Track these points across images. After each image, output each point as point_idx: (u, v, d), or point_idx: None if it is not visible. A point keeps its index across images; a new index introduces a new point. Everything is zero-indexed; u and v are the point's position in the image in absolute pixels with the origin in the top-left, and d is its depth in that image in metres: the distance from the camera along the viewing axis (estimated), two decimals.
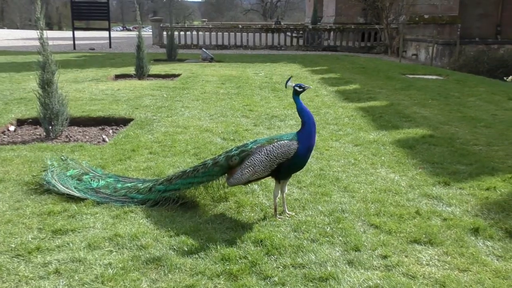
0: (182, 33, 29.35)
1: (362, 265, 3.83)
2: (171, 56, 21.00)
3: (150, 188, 5.06)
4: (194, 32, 29.62)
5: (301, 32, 31.12)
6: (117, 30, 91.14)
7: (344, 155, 6.79)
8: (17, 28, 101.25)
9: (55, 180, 5.18)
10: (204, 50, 21.76)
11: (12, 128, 8.71)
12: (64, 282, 3.53)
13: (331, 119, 9.10)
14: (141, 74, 14.84)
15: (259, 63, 20.00)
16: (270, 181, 5.60)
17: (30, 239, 4.15)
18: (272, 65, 19.20)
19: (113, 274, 3.61)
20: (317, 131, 7.94)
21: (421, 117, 9.47)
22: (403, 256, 4.00)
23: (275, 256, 3.96)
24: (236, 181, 4.65)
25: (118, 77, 15.55)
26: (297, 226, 4.52)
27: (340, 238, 4.28)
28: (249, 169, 4.56)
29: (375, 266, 3.83)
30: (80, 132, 8.44)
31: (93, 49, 27.98)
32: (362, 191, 5.46)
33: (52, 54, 7.81)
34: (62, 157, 5.76)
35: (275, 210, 4.76)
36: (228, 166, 4.76)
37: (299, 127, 7.95)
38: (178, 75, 15.69)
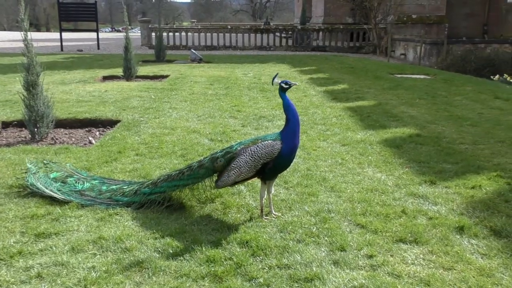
0: (171, 34, 29.26)
1: (347, 265, 3.83)
2: (160, 57, 20.91)
3: (135, 191, 5.03)
4: (183, 33, 29.54)
5: (290, 32, 31.17)
6: (106, 31, 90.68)
7: (331, 155, 6.79)
8: (4, 29, 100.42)
9: (38, 183, 5.13)
10: (193, 51, 21.71)
11: None
12: (46, 286, 3.49)
13: (319, 119, 9.11)
14: (129, 75, 14.76)
15: (248, 63, 19.98)
16: (257, 182, 5.59)
17: (12, 243, 4.10)
18: (261, 65, 19.19)
19: (97, 278, 3.57)
20: (305, 131, 8.04)
21: (409, 117, 9.50)
22: (389, 256, 4.00)
23: (261, 257, 3.94)
24: (223, 183, 4.63)
25: (106, 78, 15.46)
26: (283, 226, 4.50)
27: (326, 238, 4.28)
28: (235, 170, 4.54)
29: (361, 266, 3.82)
30: (66, 134, 8.37)
31: (81, 50, 27.80)
32: (349, 190, 5.46)
33: (36, 56, 7.73)
34: (44, 161, 5.70)
35: (261, 211, 4.75)
36: (214, 168, 4.73)
37: None
38: (167, 76, 15.63)
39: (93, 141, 7.73)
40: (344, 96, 11.84)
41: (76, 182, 5.32)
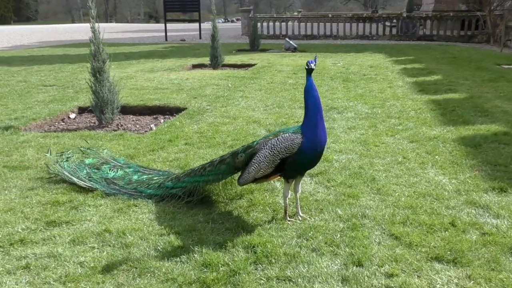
0: (271, 23, 29.10)
1: (358, 283, 3.26)
2: (254, 46, 20.81)
3: (159, 184, 4.79)
4: (283, 23, 29.23)
5: (394, 21, 29.58)
6: (219, 22, 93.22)
7: (392, 152, 6.09)
8: (127, 22, 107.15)
9: (66, 170, 5.07)
10: (288, 40, 21.31)
11: (72, 115, 8.91)
12: (27, 279, 3.34)
13: (395, 112, 8.31)
14: (215, 63, 14.77)
15: (343, 53, 19.19)
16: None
17: (19, 230, 4.03)
18: (356, 55, 18.33)
19: (79, 275, 3.36)
20: (374, 124, 7.35)
21: (501, 112, 8.35)
22: (414, 277, 3.35)
23: (263, 266, 3.49)
24: (244, 180, 4.22)
25: (195, 66, 15.63)
26: (304, 231, 4.00)
27: (347, 249, 3.71)
28: (254, 166, 4.11)
29: (373, 287, 3.23)
30: (133, 120, 8.42)
31: (184, 40, 28.59)
32: (397, 194, 4.79)
33: (102, 43, 7.78)
34: (81, 148, 5.66)
35: (285, 212, 4.28)
36: (235, 164, 4.34)
37: (357, 120, 7.40)
38: (253, 64, 15.43)
39: (154, 128, 7.67)
40: (433, 88, 10.78)
41: (110, 169, 5.21)
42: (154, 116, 8.77)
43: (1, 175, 5.36)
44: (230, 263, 3.49)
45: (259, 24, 28.79)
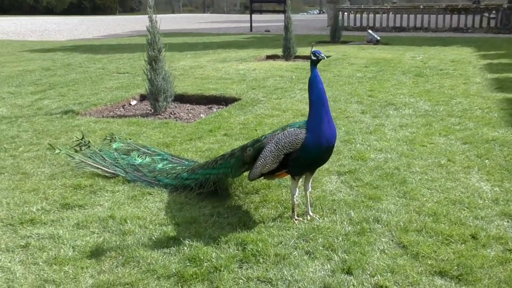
0: (358, 15, 28.30)
1: None
2: (335, 38, 20.33)
3: (176, 174, 4.78)
4: (371, 14, 28.30)
5: (493, 12, 27.55)
6: (313, 13, 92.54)
7: (438, 154, 5.64)
8: (223, 12, 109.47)
9: (90, 157, 5.16)
10: (370, 32, 20.58)
11: (133, 102, 9.21)
12: (21, 258, 3.46)
13: (458, 111, 7.70)
14: (288, 55, 14.61)
15: (428, 46, 18.20)
16: (320, 176, 4.91)
17: (34, 210, 4.20)
18: (440, 48, 17.30)
19: (68, 258, 3.43)
20: (430, 123, 6.89)
21: None
22: None
23: (248, 265, 3.36)
24: (252, 175, 4.10)
25: (268, 57, 15.58)
26: (307, 232, 3.81)
27: (343, 254, 3.47)
28: (261, 160, 3.97)
29: None
30: (188, 109, 8.53)
31: (268, 31, 28.61)
32: (424, 199, 4.42)
33: (159, 32, 7.92)
34: (107, 137, 5.74)
35: (293, 211, 4.09)
36: (243, 159, 4.22)
37: (412, 118, 7.04)
38: (328, 57, 15.03)
39: (203, 117, 7.72)
40: None
41: (139, 156, 5.28)
42: (209, 105, 8.82)
43: (42, 156, 5.63)
44: (215, 259, 3.40)
45: (345, 15, 28.16)
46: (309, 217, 4.08)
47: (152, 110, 8.21)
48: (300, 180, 4.08)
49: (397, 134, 6.46)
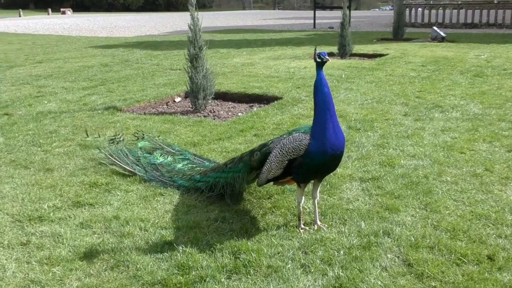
0: (426, 10, 27.21)
1: None
2: (398, 35, 19.67)
3: (190, 176, 4.73)
4: (440, 10, 27.12)
5: None
6: (385, 9, 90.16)
7: (476, 162, 5.24)
8: (293, 9, 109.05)
9: (115, 153, 5.22)
10: (435, 28, 19.69)
11: (178, 99, 9.28)
12: (17, 256, 3.50)
13: (511, 115, 7.15)
14: (343, 53, 14.27)
15: (496, 43, 17.16)
16: (341, 182, 4.69)
17: (45, 207, 4.27)
18: (511, 46, 16.25)
19: (60, 259, 3.43)
20: (475, 128, 6.47)
21: None
22: None
23: (237, 276, 3.23)
24: (260, 181, 3.97)
25: None
26: (309, 243, 3.62)
27: (339, 270, 3.26)
28: (267, 166, 3.83)
29: None
30: (228, 107, 8.49)
31: (332, 27, 28.09)
32: (447, 212, 4.10)
33: (200, 30, 7.91)
34: (135, 134, 5.77)
35: (299, 219, 3.91)
36: (251, 163, 4.10)
37: (458, 121, 6.75)
38: (385, 55, 14.56)
39: (240, 116, 7.65)
40: None
41: (161, 155, 5.28)
42: (251, 104, 8.73)
43: (71, 152, 5.76)
44: (204, 268, 3.29)
45: (412, 11, 27.18)
46: (316, 227, 3.89)
47: (192, 108, 8.23)
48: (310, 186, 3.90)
49: (436, 139, 6.07)
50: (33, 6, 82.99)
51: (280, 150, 3.73)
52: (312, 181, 3.95)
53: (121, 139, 5.56)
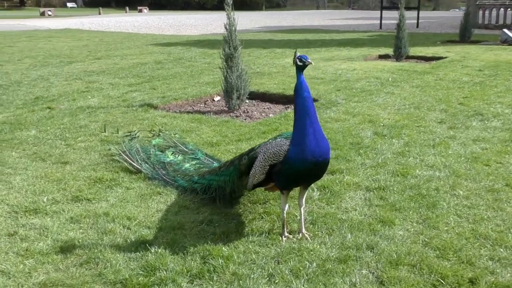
0: (501, 11, 25.75)
1: None
2: (464, 37, 18.73)
3: (190, 177, 4.73)
4: None
5: None
6: (460, 10, 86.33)
7: (497, 176, 4.89)
8: (368, 9, 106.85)
9: (127, 149, 5.31)
10: (506, 31, 18.57)
11: (217, 98, 9.35)
12: (5, 246, 3.64)
13: None
14: (398, 55, 13.79)
15: None
16: (346, 190, 4.54)
17: (45, 200, 4.42)
18: None
19: (36, 251, 3.53)
20: (505, 141, 5.97)
21: None
22: None
23: (200, 281, 3.19)
24: (248, 186, 3.92)
25: (381, 57, 14.86)
26: (285, 252, 3.52)
27: (304, 283, 3.14)
28: (252, 170, 3.78)
29: None
30: (264, 108, 8.45)
31: None
32: (445, 229, 3.85)
33: (236, 30, 7.94)
34: (152, 131, 5.84)
35: (283, 227, 3.80)
36: (239, 167, 4.05)
37: (496, 131, 6.42)
38: (443, 58, 13.93)
39: (271, 116, 7.60)
40: None
41: (172, 153, 5.32)
42: (287, 105, 8.64)
43: (91, 147, 5.95)
44: (169, 270, 3.28)
45: (487, 12, 25.82)
46: (300, 235, 3.78)
47: (227, 108, 8.26)
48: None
49: (464, 149, 5.72)
50: (114, 5, 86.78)
51: (263, 155, 3.66)
52: (298, 188, 3.83)
53: (136, 135, 5.65)
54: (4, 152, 5.79)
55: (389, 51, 15.20)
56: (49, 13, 55.71)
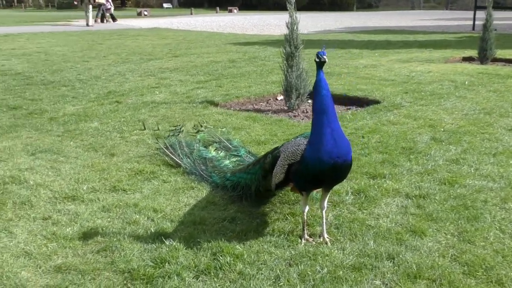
0: None
1: None
2: None
3: (224, 174, 4.72)
4: None
5: None
6: None
7: None
8: (468, 9, 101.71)
9: (170, 144, 5.40)
10: None
11: (280, 97, 9.28)
12: (31, 229, 3.81)
13: None
14: (483, 57, 12.98)
15: None
16: (384, 196, 4.33)
17: (84, 188, 4.60)
18: None
19: (62, 236, 3.67)
20: None
21: None
22: None
23: (204, 277, 3.17)
24: (272, 185, 3.85)
25: (465, 59, 14.08)
26: (300, 255, 3.40)
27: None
28: (275, 170, 3.71)
29: None
30: None
31: (495, 29, 25.60)
32: (481, 244, 3.54)
33: (297, 29, 7.86)
34: (195, 127, 5.88)
35: (303, 229, 3.68)
36: (264, 166, 3.98)
37: None
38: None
39: None
40: None
41: (215, 149, 5.35)
42: (349, 107, 8.40)
43: (141, 140, 6.11)
44: (177, 264, 3.28)
45: None
46: (321, 239, 3.63)
47: (287, 107, 8.19)
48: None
49: None
50: (207, 5, 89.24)
51: (283, 154, 3.57)
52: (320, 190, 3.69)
53: (181, 130, 5.73)
54: (64, 142, 6.10)
55: (475, 53, 14.34)
56: (145, 13, 58.28)
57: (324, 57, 3.39)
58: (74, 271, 3.24)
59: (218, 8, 67.40)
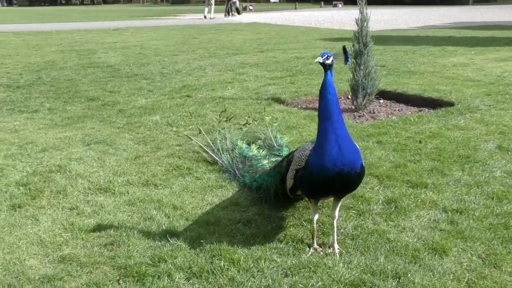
0: None
1: None
2: None
3: (254, 174, 4.64)
4: None
5: None
6: None
7: None
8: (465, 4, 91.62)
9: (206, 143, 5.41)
10: None
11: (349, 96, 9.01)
12: (56, 217, 4.02)
13: None
14: None
15: None
16: (420, 208, 4.05)
17: (119, 180, 4.75)
18: None
19: (80, 227, 3.82)
20: None
21: None
22: None
23: (195, 280, 3.14)
24: (287, 191, 3.73)
25: None
26: (297, 265, 3.26)
27: None
28: (287, 174, 3.58)
29: None
30: (394, 109, 7.90)
31: None
32: (509, 270, 3.16)
33: (367, 26, 7.57)
34: (242, 124, 5.83)
35: (313, 237, 3.53)
36: (281, 169, 3.86)
37: None
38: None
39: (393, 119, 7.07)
40: None
41: (258, 147, 5.28)
42: (421, 108, 7.92)
43: (191, 135, 6.19)
44: (172, 264, 3.28)
45: None
46: (330, 250, 3.45)
47: (354, 107, 7.91)
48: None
49: None
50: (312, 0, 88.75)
51: (294, 159, 3.44)
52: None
53: (247, 123, 5.69)
54: (120, 134, 6.36)
55: None
56: (250, 7, 59.23)
57: (327, 62, 3.19)
58: (76, 262, 3.35)
59: (322, 2, 66.65)
